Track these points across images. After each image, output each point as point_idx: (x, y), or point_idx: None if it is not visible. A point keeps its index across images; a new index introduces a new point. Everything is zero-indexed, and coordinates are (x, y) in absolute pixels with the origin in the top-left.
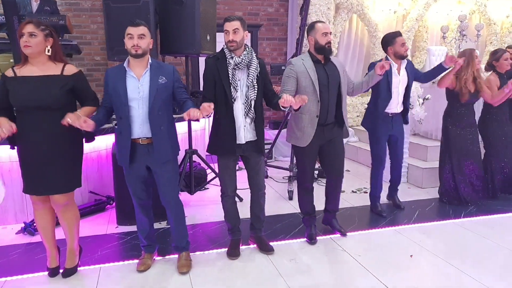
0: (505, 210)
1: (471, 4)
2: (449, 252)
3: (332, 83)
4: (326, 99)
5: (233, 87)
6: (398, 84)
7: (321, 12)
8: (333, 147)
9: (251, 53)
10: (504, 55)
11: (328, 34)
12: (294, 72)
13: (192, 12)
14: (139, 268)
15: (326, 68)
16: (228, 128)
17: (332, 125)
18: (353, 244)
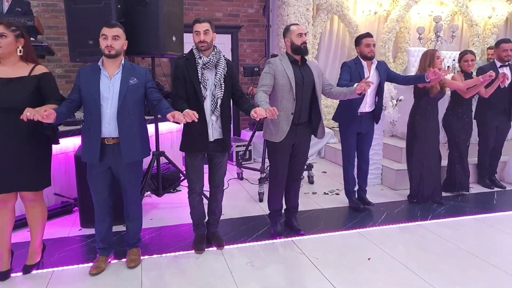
0: (473, 211)
1: (452, 5)
2: (408, 255)
3: (306, 84)
4: (300, 99)
5: (203, 86)
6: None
7: (300, 13)
8: (301, 147)
9: (219, 53)
10: (465, 56)
11: (303, 35)
12: (273, 70)
13: (156, 12)
14: (91, 271)
15: (302, 70)
16: (200, 126)
17: (305, 125)
18: (313, 247)
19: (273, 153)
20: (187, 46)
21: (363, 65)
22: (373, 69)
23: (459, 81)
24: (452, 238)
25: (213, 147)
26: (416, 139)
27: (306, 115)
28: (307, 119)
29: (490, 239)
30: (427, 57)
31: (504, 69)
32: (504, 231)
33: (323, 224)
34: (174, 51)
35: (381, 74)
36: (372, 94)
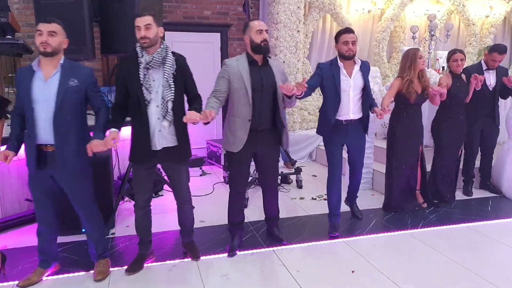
0: (466, 219)
1: (449, 4)
2: (395, 267)
3: (266, 87)
4: (259, 103)
5: (145, 88)
6: (349, 87)
7: (291, 11)
8: (267, 156)
9: (165, 49)
10: (454, 56)
11: (263, 32)
12: (227, 73)
13: (132, 9)
14: (19, 283)
15: (262, 71)
16: (142, 133)
17: (268, 132)
18: (295, 258)
19: (231, 164)
20: (176, 45)
21: (339, 66)
22: (356, 70)
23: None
24: (443, 248)
25: (162, 156)
26: (396, 148)
27: (268, 121)
28: (269, 126)
29: (482, 249)
30: (408, 57)
31: (490, 73)
32: (497, 240)
33: (307, 232)
34: None
35: (365, 75)
36: (356, 99)
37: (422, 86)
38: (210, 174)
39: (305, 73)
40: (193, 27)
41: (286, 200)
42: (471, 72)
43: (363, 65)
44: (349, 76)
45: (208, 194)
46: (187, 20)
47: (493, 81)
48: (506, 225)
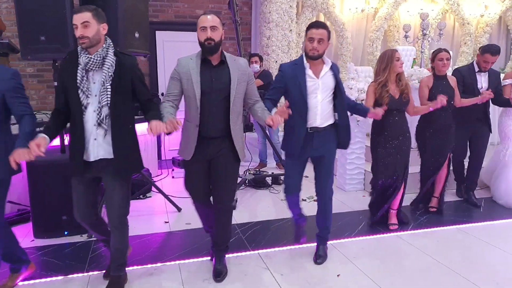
0: (457, 221)
1: (443, 3)
2: (382, 271)
3: (216, 90)
4: (207, 108)
5: (82, 92)
6: (317, 90)
7: (283, 10)
8: (221, 169)
9: (107, 49)
10: (439, 55)
11: (207, 29)
12: (178, 73)
13: (115, 7)
14: None
15: (214, 72)
16: (77, 141)
17: (220, 140)
18: (280, 261)
19: (186, 173)
20: (167, 44)
21: (305, 66)
22: (325, 71)
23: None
24: (432, 251)
25: (99, 168)
26: (378, 158)
27: (220, 128)
28: (223, 134)
29: (472, 252)
30: (384, 58)
31: (482, 75)
32: (488, 242)
33: (294, 236)
34: (137, 48)
35: (337, 76)
36: (326, 102)
37: (400, 90)
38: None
39: None
40: (185, 26)
41: (276, 201)
42: (463, 73)
43: (335, 66)
44: (317, 77)
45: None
46: (178, 19)
47: (485, 84)
48: (498, 227)
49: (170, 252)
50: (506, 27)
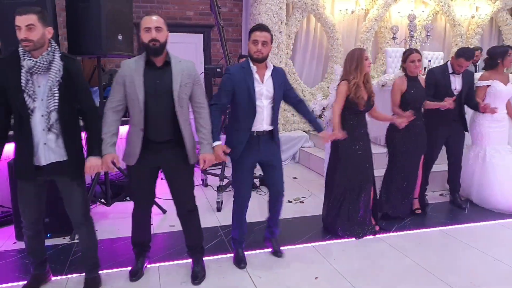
0: (441, 222)
1: (434, 4)
2: (360, 273)
3: (161, 92)
4: (153, 111)
5: (28, 95)
6: (261, 95)
7: (273, 12)
8: (174, 173)
9: (53, 53)
10: (410, 56)
11: (151, 30)
12: (121, 76)
13: (97, 9)
14: None
15: (159, 74)
16: (25, 146)
17: (170, 145)
18: (260, 264)
19: (131, 180)
20: None
21: (251, 69)
22: (268, 76)
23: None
24: (412, 253)
25: (51, 171)
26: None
27: (168, 132)
28: (172, 138)
29: (452, 255)
30: (354, 58)
31: (456, 76)
32: (469, 244)
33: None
34: (121, 50)
35: (276, 84)
36: (270, 107)
37: (367, 92)
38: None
39: (288, 74)
40: (175, 28)
41: (262, 203)
42: (436, 74)
43: (274, 71)
44: (262, 81)
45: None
46: (169, 21)
47: (458, 86)
48: (480, 228)
49: (151, 254)
50: (498, 29)
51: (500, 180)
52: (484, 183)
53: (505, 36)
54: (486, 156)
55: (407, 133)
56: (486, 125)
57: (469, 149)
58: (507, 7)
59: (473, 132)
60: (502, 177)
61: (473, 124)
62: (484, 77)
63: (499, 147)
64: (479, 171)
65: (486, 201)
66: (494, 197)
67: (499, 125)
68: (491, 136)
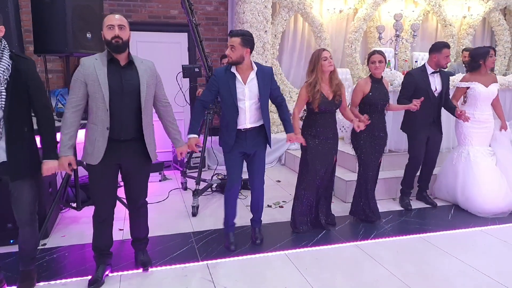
0: (422, 229)
1: (425, 4)
2: (330, 284)
3: (126, 90)
4: (118, 109)
5: None
6: (244, 96)
7: (257, 11)
8: (133, 170)
9: (1, 52)
10: (372, 57)
11: (114, 27)
12: (82, 75)
13: (63, 6)
14: None
15: (123, 72)
16: None
17: (134, 142)
18: (227, 273)
19: (91, 178)
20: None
21: (233, 72)
22: (252, 77)
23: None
24: (388, 262)
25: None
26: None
27: (133, 130)
28: (135, 135)
29: (429, 264)
30: (312, 59)
31: (435, 76)
32: (448, 253)
33: (250, 244)
34: (89, 49)
35: (260, 82)
36: (254, 108)
37: (333, 91)
38: (171, 180)
39: (274, 74)
40: (159, 27)
41: (240, 207)
42: (416, 76)
43: (260, 71)
44: (244, 83)
45: (160, 201)
46: (152, 19)
47: (438, 86)
48: (461, 235)
49: (115, 262)
50: (490, 29)
51: (483, 180)
52: (469, 183)
53: (498, 37)
54: (470, 156)
55: (369, 136)
56: (469, 125)
57: (454, 149)
58: (499, 7)
59: (457, 132)
60: (484, 177)
61: (457, 124)
62: (465, 78)
63: (481, 148)
64: (462, 171)
65: (471, 201)
66: (479, 197)
67: (482, 126)
68: (473, 137)
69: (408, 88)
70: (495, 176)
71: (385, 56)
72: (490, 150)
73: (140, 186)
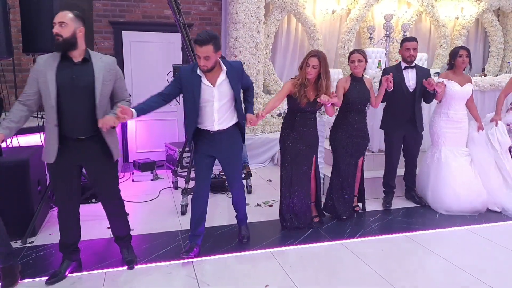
0: (410, 228)
1: (417, 5)
2: (313, 281)
3: (78, 87)
4: (68, 106)
5: None
6: (213, 98)
7: (250, 11)
8: (95, 169)
9: None
10: (351, 56)
11: (56, 25)
12: (34, 71)
13: (50, 5)
14: None
15: (76, 69)
16: None
17: (92, 142)
18: (212, 271)
19: (51, 179)
20: (134, 45)
21: (199, 74)
22: (222, 80)
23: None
24: (372, 260)
25: None
26: (285, 161)
27: (87, 129)
28: (91, 134)
29: (413, 262)
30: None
31: (409, 71)
32: (433, 251)
33: (236, 242)
34: None
35: (232, 81)
36: (224, 109)
37: (315, 95)
38: (163, 179)
39: (267, 75)
40: (153, 27)
41: (230, 207)
42: (390, 71)
43: (230, 71)
44: (213, 85)
45: (151, 200)
46: (146, 19)
47: (413, 81)
48: (447, 234)
49: (101, 260)
50: (484, 30)
51: (452, 181)
52: (438, 184)
53: (491, 38)
54: (441, 157)
55: (348, 135)
56: (442, 125)
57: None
58: (492, 8)
59: (430, 132)
60: (454, 178)
61: (430, 124)
62: (442, 76)
63: (454, 148)
64: (434, 172)
65: (438, 202)
66: (447, 198)
67: (456, 126)
68: (446, 137)
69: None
70: (466, 177)
71: (365, 56)
72: (464, 151)
73: (108, 186)
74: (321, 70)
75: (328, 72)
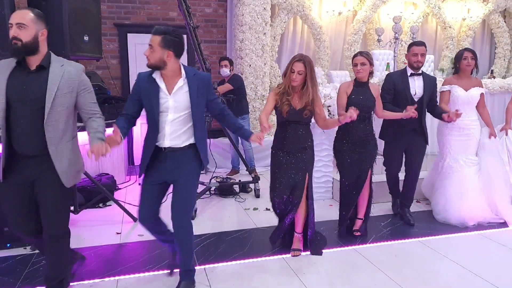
0: (422, 233)
1: (424, 6)
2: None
3: (28, 99)
4: (15, 121)
5: None
6: (168, 108)
7: (256, 13)
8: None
9: None
10: (354, 59)
11: (13, 26)
12: None
13: (59, 9)
14: None
15: (30, 78)
16: None
17: (40, 160)
18: (223, 278)
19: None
20: (139, 47)
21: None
22: (179, 87)
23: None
24: (386, 266)
25: None
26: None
27: (37, 146)
28: (44, 152)
29: (428, 268)
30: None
31: (415, 78)
32: (447, 257)
33: (248, 249)
34: (87, 52)
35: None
36: (179, 122)
37: (303, 103)
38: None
39: (273, 77)
40: None
41: (240, 210)
42: (394, 78)
43: (192, 78)
44: (169, 93)
45: None
46: (151, 21)
47: (419, 90)
48: (461, 239)
49: (112, 267)
50: (490, 31)
51: (453, 193)
52: (440, 193)
53: (498, 39)
54: (444, 167)
55: (349, 144)
56: (446, 133)
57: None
58: (499, 9)
59: (438, 140)
60: (456, 189)
61: (438, 132)
62: (446, 81)
63: (459, 156)
64: (440, 182)
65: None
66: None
67: (462, 133)
68: (452, 145)
69: (388, 91)
70: (470, 190)
71: (370, 58)
72: (472, 160)
73: (48, 213)
74: (307, 76)
75: (314, 78)
